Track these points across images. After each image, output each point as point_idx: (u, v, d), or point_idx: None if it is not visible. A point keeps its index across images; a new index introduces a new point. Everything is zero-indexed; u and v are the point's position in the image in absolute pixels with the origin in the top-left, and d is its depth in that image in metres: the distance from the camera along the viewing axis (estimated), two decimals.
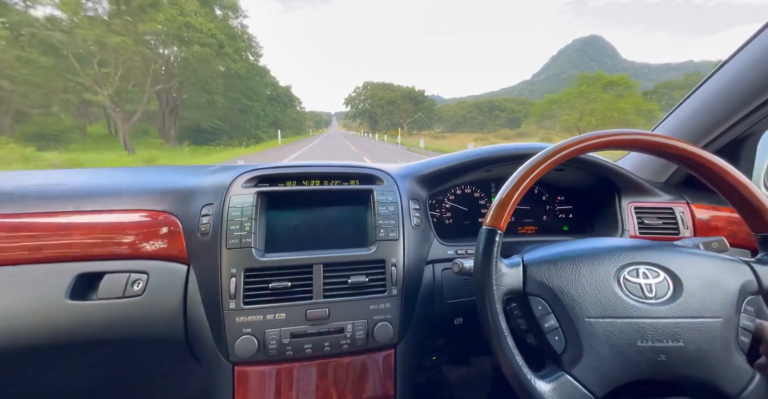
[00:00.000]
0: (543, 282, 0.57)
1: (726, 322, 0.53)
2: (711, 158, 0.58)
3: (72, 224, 0.79)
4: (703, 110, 1.02)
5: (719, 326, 0.53)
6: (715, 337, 0.52)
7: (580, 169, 1.02)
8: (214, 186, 0.85)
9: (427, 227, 0.93)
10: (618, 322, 0.53)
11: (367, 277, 0.79)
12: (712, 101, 1.00)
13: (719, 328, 0.53)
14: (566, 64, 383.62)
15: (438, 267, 0.91)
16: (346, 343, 0.78)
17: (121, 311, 0.77)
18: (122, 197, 0.84)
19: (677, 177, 1.15)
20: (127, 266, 0.79)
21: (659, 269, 0.57)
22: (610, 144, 0.61)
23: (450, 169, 0.98)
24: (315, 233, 0.85)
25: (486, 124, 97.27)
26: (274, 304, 0.75)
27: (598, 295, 0.55)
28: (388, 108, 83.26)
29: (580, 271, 0.57)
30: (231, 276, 0.74)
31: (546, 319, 0.56)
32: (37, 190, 0.85)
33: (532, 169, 0.59)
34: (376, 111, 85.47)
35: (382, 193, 0.87)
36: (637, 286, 0.56)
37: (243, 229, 0.77)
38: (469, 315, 0.93)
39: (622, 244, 0.62)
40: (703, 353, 0.52)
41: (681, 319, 0.53)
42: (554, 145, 0.60)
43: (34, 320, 0.74)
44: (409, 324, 0.84)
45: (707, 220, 1.04)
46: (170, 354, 0.87)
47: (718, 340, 0.52)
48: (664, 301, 0.55)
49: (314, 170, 0.88)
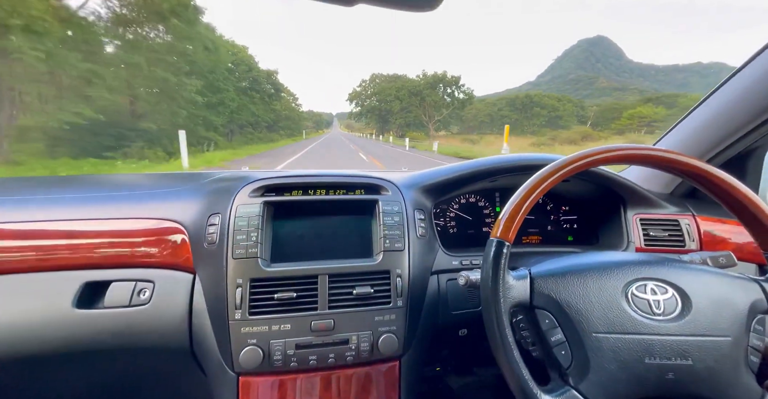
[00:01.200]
0: (550, 295, 0.57)
1: (735, 341, 0.53)
2: (719, 174, 0.58)
3: (78, 232, 0.79)
4: (710, 124, 1.02)
5: (728, 345, 0.52)
6: (724, 356, 0.52)
7: (585, 180, 1.03)
8: (220, 195, 0.85)
9: (432, 237, 0.93)
10: (626, 338, 0.53)
11: (372, 288, 0.79)
12: (718, 114, 1.00)
13: (728, 347, 0.52)
14: (572, 64, 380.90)
15: (443, 277, 0.91)
16: (351, 355, 0.78)
17: (128, 320, 0.77)
18: (129, 205, 0.85)
19: (683, 189, 1.15)
20: (133, 275, 0.80)
21: (667, 285, 0.57)
22: (618, 158, 0.61)
23: (456, 179, 0.98)
24: (320, 243, 0.85)
25: (522, 123, 79.69)
26: (280, 315, 0.75)
27: (606, 310, 0.55)
28: (408, 101, 60.60)
29: (588, 285, 0.57)
30: (237, 286, 0.74)
31: (553, 333, 0.56)
32: (44, 197, 0.85)
33: (542, 181, 0.59)
34: (389, 107, 65.84)
35: (387, 203, 0.87)
36: (645, 302, 0.56)
37: (249, 239, 0.77)
38: (474, 326, 0.93)
39: (630, 259, 0.62)
40: (712, 372, 0.51)
41: (689, 337, 0.53)
42: (564, 158, 0.60)
43: (40, 329, 0.75)
44: (414, 335, 0.84)
45: (713, 232, 1.04)
46: (175, 363, 0.87)
47: (728, 359, 0.52)
48: (673, 318, 0.54)
49: (320, 180, 0.88)
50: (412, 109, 61.92)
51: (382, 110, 68.68)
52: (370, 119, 74.04)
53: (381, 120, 70.34)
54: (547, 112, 79.90)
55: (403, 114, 62.80)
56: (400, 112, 63.18)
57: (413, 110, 61.66)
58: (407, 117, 62.41)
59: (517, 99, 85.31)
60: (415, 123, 61.97)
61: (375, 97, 71.18)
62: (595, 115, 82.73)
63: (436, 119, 59.38)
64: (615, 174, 1.01)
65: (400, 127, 62.80)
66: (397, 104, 62.44)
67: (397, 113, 63.73)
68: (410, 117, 61.94)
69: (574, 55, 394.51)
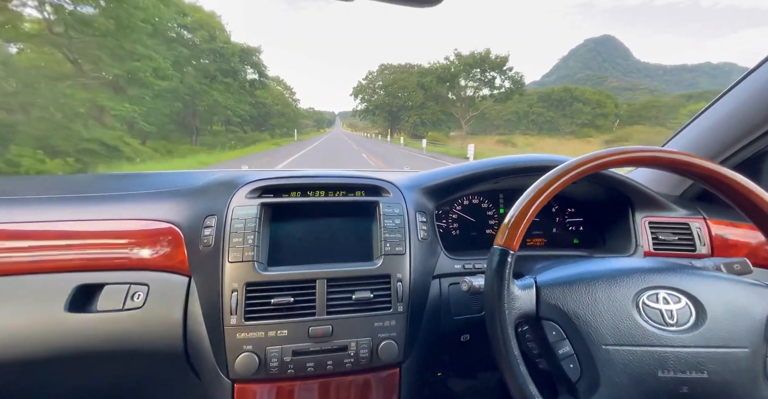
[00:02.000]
0: (557, 305, 0.55)
1: (753, 352, 0.50)
2: (735, 177, 0.55)
3: (72, 232, 0.77)
4: (722, 125, 0.99)
5: (746, 357, 0.50)
6: (741, 369, 0.49)
7: (591, 182, 0.98)
8: (217, 196, 0.83)
9: (434, 240, 0.90)
10: (637, 350, 0.50)
11: (371, 293, 0.77)
12: (731, 116, 0.97)
13: (746, 359, 0.50)
14: (578, 64, 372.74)
15: (445, 282, 0.88)
16: (350, 362, 0.76)
17: (121, 324, 0.75)
18: (124, 205, 0.83)
19: (693, 191, 1.11)
20: (127, 277, 0.78)
21: (680, 294, 0.55)
22: (628, 161, 0.58)
23: (459, 180, 0.95)
24: (319, 246, 0.83)
25: (558, 121, 65.57)
26: (276, 321, 0.73)
27: (616, 321, 0.52)
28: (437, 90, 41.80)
29: (596, 294, 0.54)
30: (232, 291, 0.72)
31: (560, 345, 0.54)
32: (36, 197, 0.84)
33: (548, 186, 0.56)
34: (402, 102, 50.98)
35: (388, 205, 0.85)
36: (657, 312, 0.53)
37: (246, 242, 0.75)
38: (477, 331, 0.89)
39: (640, 266, 0.60)
40: (728, 386, 0.49)
41: (705, 349, 0.50)
42: (571, 161, 0.57)
43: (31, 333, 0.72)
44: (415, 342, 0.82)
45: (725, 236, 1.00)
46: (169, 368, 0.84)
47: (745, 371, 0.49)
48: (686, 329, 0.52)
49: (319, 181, 0.86)
50: (430, 104, 45.89)
51: (393, 106, 53.71)
52: (378, 116, 59.17)
53: (391, 117, 55.52)
54: (591, 108, 63.02)
55: (418, 110, 47.47)
56: (416, 108, 47.69)
57: (430, 106, 45.94)
58: (424, 114, 46.76)
59: (552, 93, 70.32)
60: (433, 121, 47.02)
61: (384, 90, 56.18)
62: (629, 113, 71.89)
63: (471, 115, 42.15)
64: (622, 175, 0.98)
65: (415, 126, 47.41)
66: (419, 95, 45.08)
67: (412, 109, 48.61)
68: (427, 114, 46.35)
69: (581, 55, 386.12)
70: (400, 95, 52.47)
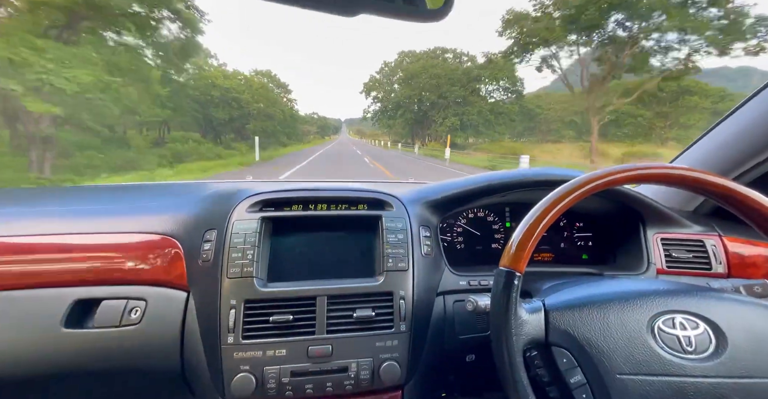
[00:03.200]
0: (567, 331, 0.52)
1: None
2: (750, 194, 0.53)
3: (68, 246, 0.76)
4: (736, 140, 0.97)
5: None
6: None
7: (600, 196, 0.95)
8: (217, 209, 0.81)
9: (438, 255, 0.88)
10: (654, 380, 0.47)
11: (373, 311, 0.74)
12: (746, 131, 0.95)
13: None
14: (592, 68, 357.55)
15: (449, 299, 0.85)
16: (350, 384, 0.73)
17: (118, 341, 0.73)
18: (122, 218, 0.82)
19: (707, 206, 1.08)
20: (124, 292, 0.76)
21: (698, 319, 0.52)
22: (638, 178, 0.56)
23: (465, 194, 0.93)
24: (320, 261, 0.81)
25: (654, 123, 33.72)
26: (275, 339, 0.71)
27: (631, 348, 0.49)
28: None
29: (609, 319, 0.52)
30: (230, 307, 0.70)
31: (572, 374, 0.51)
32: (32, 210, 0.82)
33: (554, 204, 0.54)
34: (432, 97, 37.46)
35: (391, 219, 0.83)
36: (673, 339, 0.50)
37: (245, 257, 0.74)
38: (483, 351, 0.85)
39: (653, 288, 0.57)
40: None
41: (727, 379, 0.47)
42: (579, 178, 0.55)
43: (27, 350, 0.71)
44: (418, 363, 0.79)
45: (742, 254, 0.96)
46: (166, 386, 0.83)
47: None
48: (706, 357, 0.49)
49: (321, 194, 0.85)
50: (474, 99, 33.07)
51: (423, 102, 39.68)
52: (398, 118, 44.33)
53: (414, 119, 41.66)
54: (711, 103, 37.21)
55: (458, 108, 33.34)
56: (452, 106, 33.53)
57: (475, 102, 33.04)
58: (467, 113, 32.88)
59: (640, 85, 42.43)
60: (478, 123, 33.25)
61: (405, 83, 42.27)
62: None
63: (606, 118, 23.48)
64: (633, 190, 0.95)
65: (453, 130, 33.09)
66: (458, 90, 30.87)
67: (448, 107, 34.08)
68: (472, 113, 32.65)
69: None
70: (429, 88, 37.62)
